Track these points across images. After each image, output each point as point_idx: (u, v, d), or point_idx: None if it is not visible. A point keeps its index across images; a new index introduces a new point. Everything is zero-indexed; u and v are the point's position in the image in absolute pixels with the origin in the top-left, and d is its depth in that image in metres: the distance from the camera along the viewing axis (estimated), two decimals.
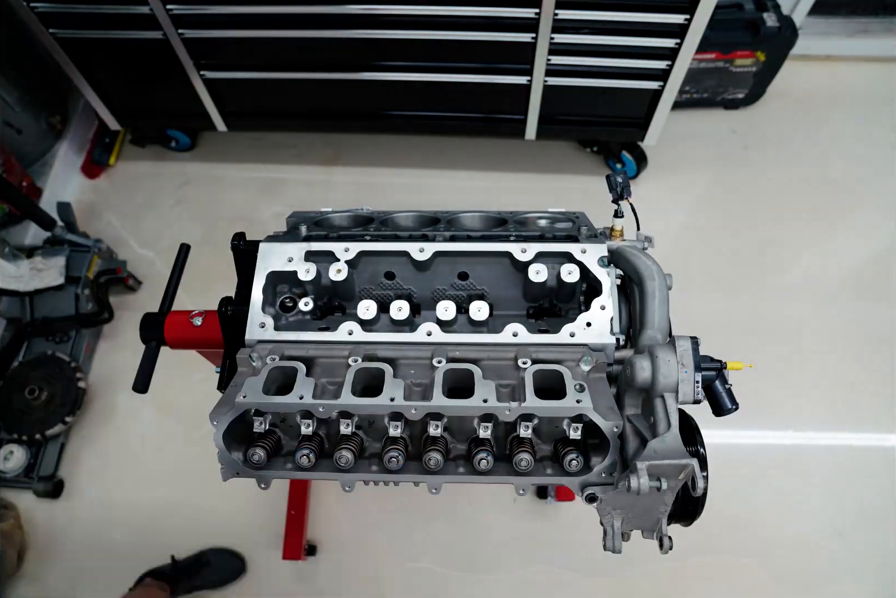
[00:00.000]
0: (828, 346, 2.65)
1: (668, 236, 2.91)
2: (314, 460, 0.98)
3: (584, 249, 1.11)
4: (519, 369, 1.02)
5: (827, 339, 2.67)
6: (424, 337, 1.07)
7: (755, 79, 3.08)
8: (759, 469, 2.45)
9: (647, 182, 3.06)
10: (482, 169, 3.14)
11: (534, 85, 2.55)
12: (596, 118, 2.75)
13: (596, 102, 2.65)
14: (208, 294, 1.42)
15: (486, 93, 2.63)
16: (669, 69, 2.45)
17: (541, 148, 3.15)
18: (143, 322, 1.37)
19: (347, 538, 2.40)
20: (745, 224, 2.95)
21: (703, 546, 2.29)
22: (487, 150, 3.18)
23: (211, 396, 1.07)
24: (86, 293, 2.68)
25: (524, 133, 2.81)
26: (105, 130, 3.19)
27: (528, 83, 2.55)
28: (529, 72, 2.50)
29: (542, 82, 2.53)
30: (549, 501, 2.35)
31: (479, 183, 3.12)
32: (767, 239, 2.91)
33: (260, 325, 1.10)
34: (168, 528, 2.44)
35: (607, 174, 1.25)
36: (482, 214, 1.32)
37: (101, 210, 3.13)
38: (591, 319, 1.06)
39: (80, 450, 2.58)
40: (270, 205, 3.10)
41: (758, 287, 2.78)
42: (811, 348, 2.64)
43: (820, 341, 2.66)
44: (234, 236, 1.21)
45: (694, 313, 2.13)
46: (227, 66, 2.66)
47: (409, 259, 1.13)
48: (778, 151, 3.16)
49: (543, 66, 2.46)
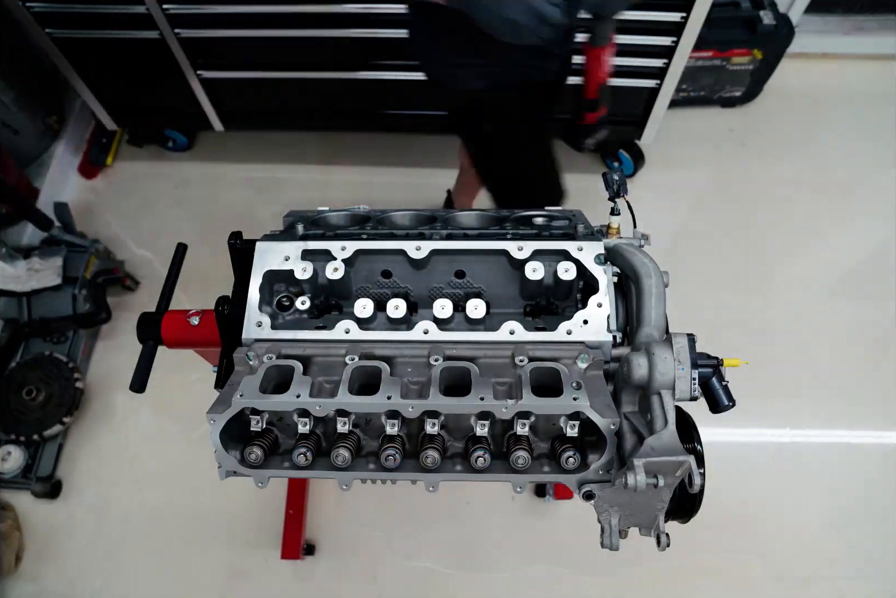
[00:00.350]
0: (825, 343, 2.66)
1: (666, 234, 2.91)
2: (311, 459, 0.98)
3: (580, 246, 1.10)
4: (516, 367, 1.02)
5: (824, 336, 2.67)
6: (421, 335, 1.07)
7: (752, 77, 3.08)
8: (758, 467, 2.45)
9: (645, 180, 3.06)
10: None
11: None
12: None
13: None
14: (205, 294, 1.42)
15: None
16: (666, 67, 2.45)
17: None
18: (140, 322, 1.37)
19: (346, 538, 2.40)
20: (743, 222, 2.96)
21: (703, 544, 2.29)
22: None
23: (208, 395, 1.07)
24: (83, 294, 2.68)
25: None
26: (102, 130, 3.20)
27: None
28: None
29: None
30: (548, 499, 2.35)
31: None
32: (764, 236, 2.91)
33: (257, 324, 1.10)
34: (166, 528, 2.44)
35: (604, 172, 1.25)
36: (479, 213, 1.32)
37: (98, 210, 3.13)
38: (588, 316, 1.06)
39: (78, 450, 2.58)
40: (268, 204, 3.09)
41: (756, 285, 2.79)
42: (808, 346, 2.65)
43: (817, 338, 2.67)
44: (231, 235, 1.21)
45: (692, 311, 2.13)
46: (223, 66, 2.66)
47: (406, 258, 1.13)
48: (775, 149, 3.17)
49: None
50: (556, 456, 0.97)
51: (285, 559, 2.28)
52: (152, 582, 2.35)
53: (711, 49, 2.90)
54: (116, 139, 3.30)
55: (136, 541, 2.42)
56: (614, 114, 2.71)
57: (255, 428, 1.00)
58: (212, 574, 2.36)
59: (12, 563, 2.34)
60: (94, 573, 2.38)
